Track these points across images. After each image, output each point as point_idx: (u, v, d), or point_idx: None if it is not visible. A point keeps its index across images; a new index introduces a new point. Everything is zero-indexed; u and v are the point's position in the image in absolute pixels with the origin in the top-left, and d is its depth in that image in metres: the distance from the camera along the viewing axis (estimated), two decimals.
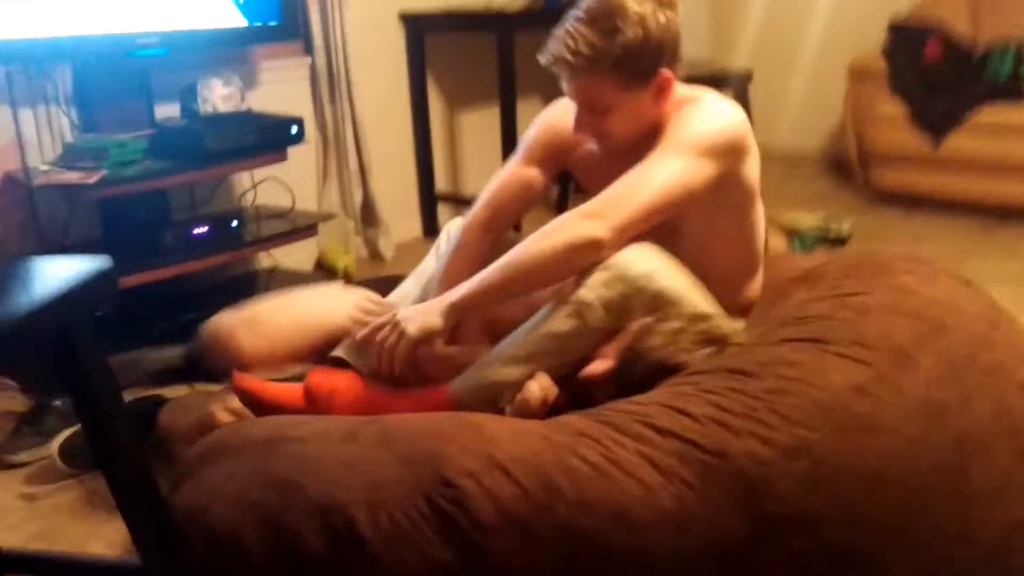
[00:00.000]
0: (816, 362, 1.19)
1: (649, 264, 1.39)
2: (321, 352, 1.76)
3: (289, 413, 1.55)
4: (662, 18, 1.41)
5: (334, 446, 1.25)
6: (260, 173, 2.91)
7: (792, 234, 3.31)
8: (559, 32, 1.47)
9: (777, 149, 4.84)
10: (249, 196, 2.98)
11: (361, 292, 1.89)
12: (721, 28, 4.97)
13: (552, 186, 1.75)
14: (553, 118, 1.70)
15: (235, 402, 1.72)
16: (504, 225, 1.78)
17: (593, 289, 1.40)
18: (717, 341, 1.36)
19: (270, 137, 2.66)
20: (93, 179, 2.28)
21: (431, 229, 3.71)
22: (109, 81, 2.53)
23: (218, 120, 2.63)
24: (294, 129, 2.71)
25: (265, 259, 3.09)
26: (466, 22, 3.41)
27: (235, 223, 2.65)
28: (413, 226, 3.70)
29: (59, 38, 2.32)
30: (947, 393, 1.18)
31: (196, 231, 2.56)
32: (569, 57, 1.43)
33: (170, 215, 2.69)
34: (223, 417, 1.71)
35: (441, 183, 3.73)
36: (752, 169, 1.52)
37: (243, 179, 2.97)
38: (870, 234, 3.45)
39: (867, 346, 1.21)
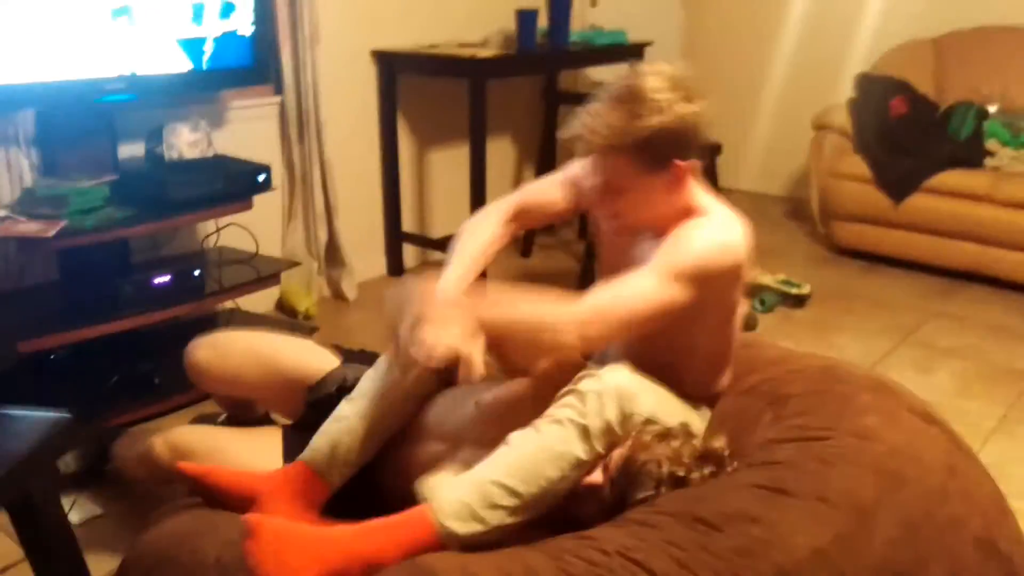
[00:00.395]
0: (780, 520, 1.20)
1: (637, 385, 1.40)
2: (271, 393, 1.91)
3: (238, 502, 1.52)
4: (684, 109, 1.45)
5: None
6: (224, 218, 2.87)
7: (755, 293, 3.36)
8: (584, 110, 1.50)
9: (741, 191, 4.90)
10: (212, 238, 2.94)
11: (324, 352, 1.94)
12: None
13: (572, 217, 1.78)
14: None
15: (176, 436, 1.79)
16: (525, 225, 1.83)
17: (592, 415, 1.36)
18: (712, 459, 1.38)
19: (236, 186, 2.62)
20: (51, 232, 2.23)
21: (396, 268, 3.69)
22: (73, 125, 2.48)
23: (183, 167, 2.58)
24: (261, 177, 2.67)
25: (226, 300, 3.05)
26: (439, 66, 3.39)
27: (197, 272, 2.61)
28: (377, 265, 3.68)
29: (23, 84, 2.26)
30: (904, 556, 1.21)
31: (157, 281, 2.51)
32: (588, 135, 1.48)
33: (130, 262, 2.64)
34: (161, 451, 1.78)
35: (408, 223, 3.71)
36: (739, 289, 1.55)
37: (207, 223, 2.92)
38: (829, 292, 3.51)
39: (829, 502, 1.23)
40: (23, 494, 0.95)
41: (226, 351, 1.88)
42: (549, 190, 1.78)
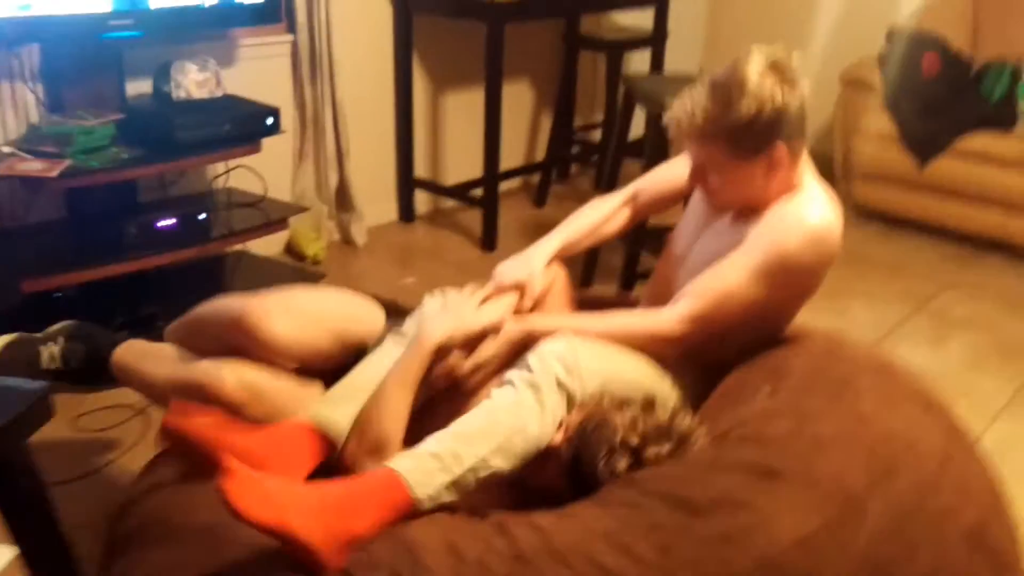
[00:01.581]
0: (766, 505, 1.18)
1: (577, 345, 1.42)
2: (332, 359, 1.66)
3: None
4: (781, 95, 1.44)
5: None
6: (233, 160, 2.83)
7: None
8: (683, 96, 1.51)
9: None
10: (221, 180, 2.91)
11: (368, 300, 1.80)
12: (714, 23, 4.85)
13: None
14: None
15: (250, 375, 1.54)
16: (642, 205, 1.85)
17: (539, 372, 1.40)
18: (674, 435, 1.36)
19: (245, 128, 2.59)
20: (55, 172, 2.21)
21: (407, 214, 3.66)
22: (79, 60, 2.44)
23: (191, 108, 2.54)
24: (270, 120, 2.63)
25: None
26: (457, 7, 3.30)
27: (203, 215, 2.59)
28: (388, 210, 3.64)
29: (28, 18, 2.22)
30: (891, 548, 1.19)
31: (163, 223, 2.50)
32: (684, 121, 1.50)
33: (138, 202, 2.62)
34: (234, 389, 1.51)
35: (420, 169, 3.66)
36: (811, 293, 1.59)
37: (216, 164, 2.88)
38: (845, 255, 3.42)
39: (819, 488, 1.21)
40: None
41: (303, 322, 1.61)
42: (665, 171, 1.83)
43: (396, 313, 1.85)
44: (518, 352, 1.52)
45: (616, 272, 3.03)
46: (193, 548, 1.29)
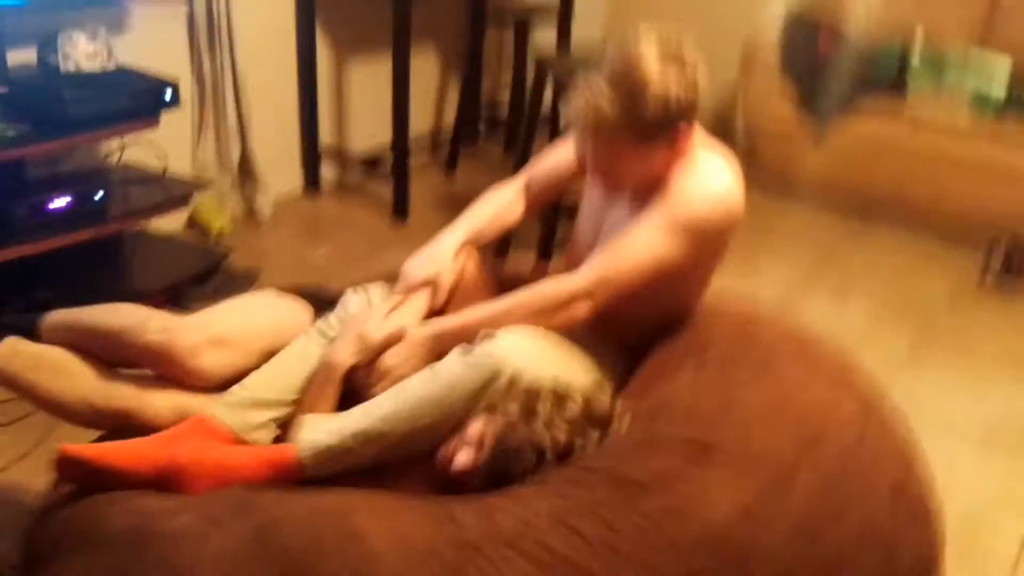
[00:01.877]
0: (705, 478, 1.22)
1: (522, 358, 1.40)
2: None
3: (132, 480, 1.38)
4: (683, 80, 1.43)
5: (207, 552, 1.20)
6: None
7: None
8: (581, 89, 1.46)
9: None
10: (116, 154, 2.76)
11: (295, 303, 1.76)
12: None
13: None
14: None
15: (185, 401, 1.54)
16: (537, 195, 1.82)
17: (461, 365, 1.42)
18: (596, 422, 1.37)
19: (141, 102, 2.45)
20: None
21: (313, 184, 3.56)
22: None
23: (82, 82, 2.39)
24: (168, 93, 2.50)
25: None
26: None
27: (99, 194, 2.45)
28: (293, 181, 3.54)
29: None
30: (821, 510, 1.24)
31: (55, 205, 2.35)
32: (589, 120, 1.46)
33: (25, 180, 2.45)
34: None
35: (326, 138, 3.56)
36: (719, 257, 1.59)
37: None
38: (751, 213, 3.50)
39: (752, 459, 1.25)
40: None
41: (231, 351, 1.58)
42: (552, 159, 1.79)
43: (323, 304, 1.81)
44: (434, 356, 1.51)
45: (532, 243, 3.03)
46: (111, 556, 1.24)
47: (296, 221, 3.34)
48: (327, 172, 3.63)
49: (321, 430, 1.43)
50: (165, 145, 2.79)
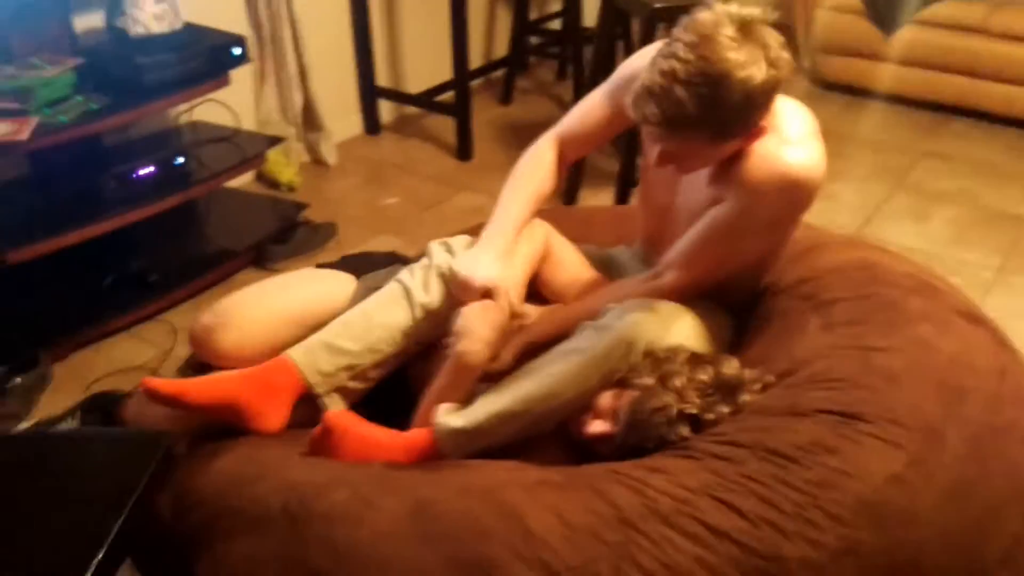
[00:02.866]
0: (854, 448, 1.22)
1: (652, 329, 1.41)
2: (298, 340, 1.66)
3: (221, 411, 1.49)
4: (764, 69, 1.28)
5: (363, 534, 1.24)
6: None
7: None
8: (653, 84, 1.29)
9: None
10: (185, 115, 2.75)
11: (335, 276, 1.80)
12: None
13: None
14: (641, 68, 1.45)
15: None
16: (572, 155, 1.72)
17: (594, 339, 1.42)
18: (727, 390, 1.38)
19: (212, 62, 2.43)
20: (26, 133, 2.06)
21: (372, 127, 3.52)
22: None
23: (154, 44, 2.36)
24: (237, 50, 2.47)
25: None
26: None
27: (181, 159, 2.45)
28: (352, 124, 3.50)
29: None
30: (970, 470, 1.24)
31: (139, 174, 2.36)
32: (664, 122, 1.31)
33: (104, 150, 2.46)
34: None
35: (382, 78, 3.50)
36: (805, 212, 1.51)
37: None
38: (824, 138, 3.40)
39: (900, 424, 1.25)
40: None
41: (251, 329, 1.63)
42: (585, 116, 1.66)
43: (369, 265, 1.83)
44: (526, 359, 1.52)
45: (604, 176, 3.00)
46: (272, 539, 1.29)
47: (360, 166, 3.32)
48: (386, 114, 3.58)
49: (457, 413, 1.45)
50: (230, 100, 2.77)
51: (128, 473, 0.90)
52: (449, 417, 1.44)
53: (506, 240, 1.60)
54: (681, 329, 1.46)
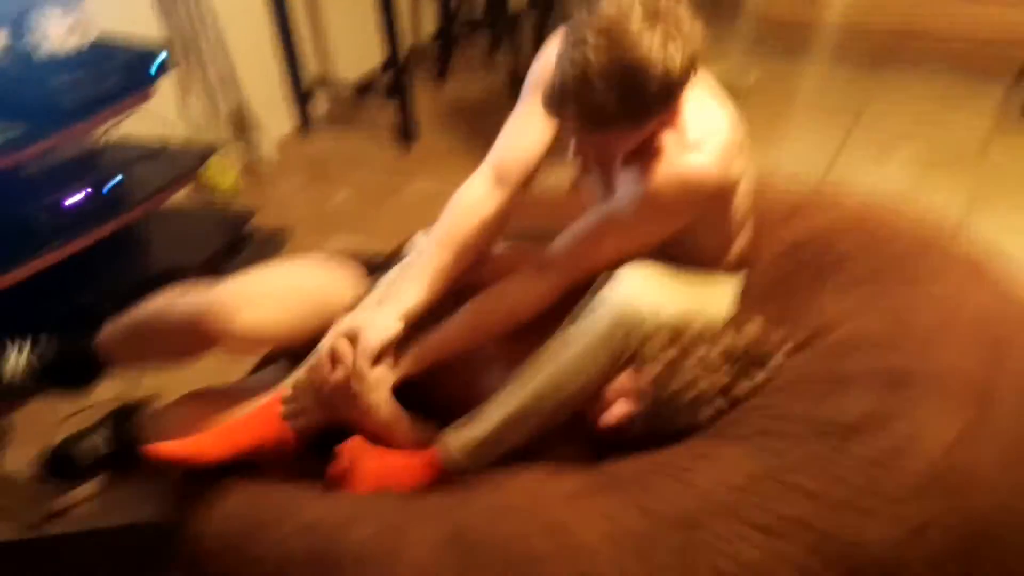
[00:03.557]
0: (913, 411, 1.15)
1: (650, 296, 1.31)
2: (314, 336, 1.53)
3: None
4: (679, 56, 1.17)
5: (407, 572, 1.13)
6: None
7: None
8: (567, 81, 1.19)
9: None
10: (112, 131, 2.54)
11: (343, 263, 1.65)
12: None
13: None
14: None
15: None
16: (521, 177, 1.50)
17: (591, 321, 1.32)
18: (755, 357, 1.30)
19: (134, 75, 2.23)
20: None
21: (307, 120, 3.34)
22: None
23: (67, 64, 2.15)
24: (161, 58, 2.28)
25: None
26: None
27: (112, 182, 2.26)
28: (288, 121, 3.32)
29: None
30: (1021, 425, 1.18)
31: (71, 201, 2.16)
32: (583, 120, 1.22)
33: (25, 179, 2.25)
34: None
35: (313, 68, 3.32)
36: (738, 173, 1.39)
37: None
38: (775, 84, 3.31)
39: (949, 385, 1.19)
40: None
41: (270, 305, 1.47)
42: (520, 139, 1.49)
43: (378, 266, 1.70)
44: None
45: None
46: None
47: (302, 164, 3.15)
48: (320, 106, 3.41)
49: (468, 424, 1.36)
50: (154, 108, 2.57)
51: None
52: (458, 428, 1.36)
53: (415, 300, 1.45)
54: (686, 293, 1.37)
